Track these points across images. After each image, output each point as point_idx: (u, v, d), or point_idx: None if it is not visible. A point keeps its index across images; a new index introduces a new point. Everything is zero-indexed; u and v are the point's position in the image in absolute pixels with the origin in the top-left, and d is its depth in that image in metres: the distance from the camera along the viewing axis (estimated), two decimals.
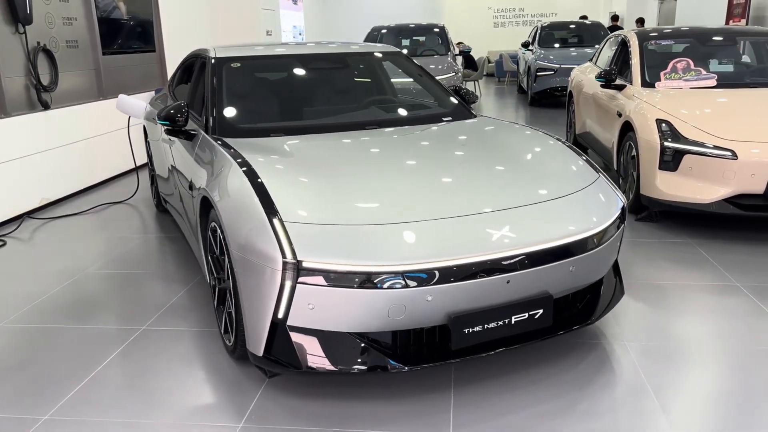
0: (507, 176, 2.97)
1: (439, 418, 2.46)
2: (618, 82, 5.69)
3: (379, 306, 2.35)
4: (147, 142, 5.42)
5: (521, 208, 2.69)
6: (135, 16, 7.52)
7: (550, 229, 2.63)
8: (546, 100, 12.00)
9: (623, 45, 6.19)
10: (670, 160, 4.49)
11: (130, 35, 7.44)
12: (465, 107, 4.08)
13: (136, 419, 2.49)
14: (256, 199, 2.54)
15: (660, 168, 4.53)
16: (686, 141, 4.43)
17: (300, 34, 15.04)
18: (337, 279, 2.33)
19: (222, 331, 2.97)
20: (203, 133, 3.48)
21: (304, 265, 2.33)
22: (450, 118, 3.92)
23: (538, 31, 13.71)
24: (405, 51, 10.46)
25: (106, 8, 6.90)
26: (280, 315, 2.40)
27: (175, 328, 3.27)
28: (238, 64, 3.91)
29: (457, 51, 10.38)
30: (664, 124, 4.57)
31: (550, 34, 13.51)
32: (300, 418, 2.48)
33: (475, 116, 4.00)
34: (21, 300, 3.70)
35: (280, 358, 2.46)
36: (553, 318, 2.66)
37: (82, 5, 6.47)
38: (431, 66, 9.46)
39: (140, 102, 5.55)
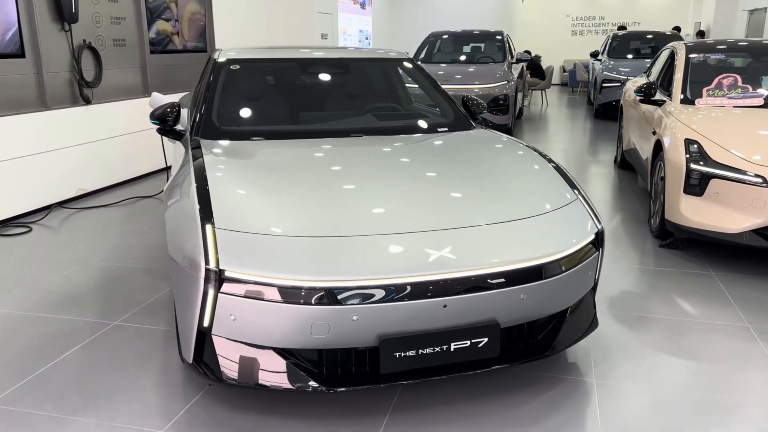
0: (471, 194, 2.80)
1: None
2: (657, 96, 5.33)
3: (301, 322, 2.26)
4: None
5: (473, 228, 2.53)
6: (184, 16, 7.75)
7: (501, 252, 2.45)
8: (612, 112, 11.47)
9: (672, 58, 5.79)
10: (697, 184, 4.13)
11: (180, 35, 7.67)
12: (465, 119, 3.91)
13: (66, 415, 2.51)
14: (196, 205, 2.51)
15: (685, 192, 4.19)
16: (714, 164, 4.07)
17: (366, 39, 15.10)
18: (258, 291, 2.26)
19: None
20: (187, 134, 3.50)
21: (227, 274, 2.28)
22: (446, 129, 3.77)
23: (609, 41, 13.15)
24: (463, 57, 10.35)
25: (157, 8, 7.15)
26: (206, 324, 2.35)
27: (146, 326, 3.30)
28: (237, 66, 3.92)
29: (514, 59, 10.07)
30: (693, 145, 4.22)
31: (623, 44, 12.92)
32: (224, 429, 2.42)
33: (473, 128, 3.83)
34: (14, 285, 3.85)
35: (205, 367, 2.41)
36: (502, 348, 2.48)
37: (131, 5, 6.72)
38: (482, 73, 9.23)
39: (171, 100, 5.69)
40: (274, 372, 2.35)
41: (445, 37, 10.98)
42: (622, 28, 17.34)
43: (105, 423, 2.46)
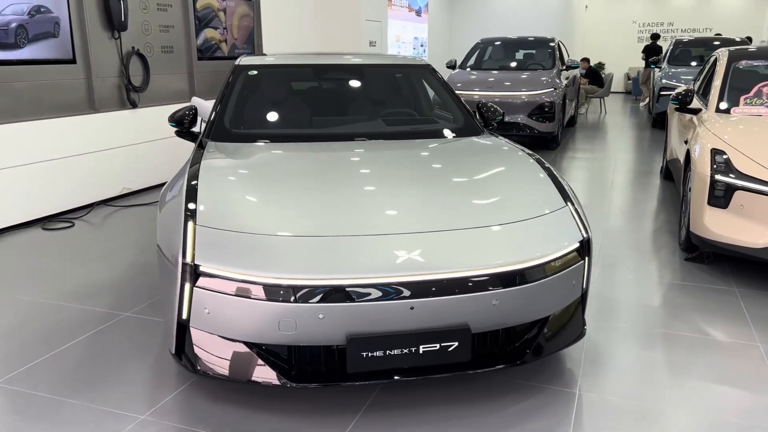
0: (455, 198, 2.80)
1: None
2: (694, 104, 5.13)
3: (269, 318, 2.33)
4: None
5: (448, 232, 2.54)
6: (233, 24, 8.03)
7: (474, 256, 2.45)
8: None
9: (714, 65, 5.57)
10: (721, 196, 3.97)
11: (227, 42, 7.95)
12: (475, 125, 3.90)
13: (62, 397, 2.68)
14: (183, 202, 2.64)
15: (709, 204, 4.02)
16: (740, 175, 3.89)
17: (422, 46, 15.15)
18: (230, 287, 2.35)
19: None
20: (200, 136, 3.66)
21: (201, 269, 2.38)
22: (453, 135, 3.77)
23: (671, 47, 12.69)
24: (513, 64, 10.24)
25: (206, 17, 7.45)
26: (184, 316, 2.46)
27: (153, 318, 3.46)
28: (255, 72, 4.06)
29: (564, 66, 9.87)
30: (719, 155, 4.05)
31: (686, 51, 12.44)
32: (199, 419, 2.52)
33: (482, 134, 3.82)
34: (43, 275, 4.11)
35: (185, 358, 2.52)
36: (474, 353, 2.48)
37: (180, 14, 7.04)
38: (529, 80, 9.11)
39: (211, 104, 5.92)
40: (245, 366, 2.43)
41: (497, 43, 10.90)
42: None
43: (93, 406, 2.61)
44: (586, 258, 2.70)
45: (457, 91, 9.07)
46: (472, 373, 2.80)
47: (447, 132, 3.82)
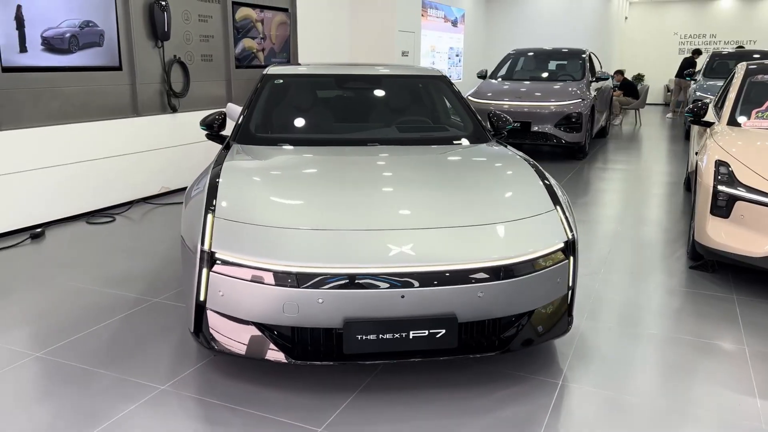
0: (450, 200, 3.04)
1: (321, 413, 2.64)
2: (707, 118, 5.25)
3: (274, 301, 2.61)
4: None
5: (439, 229, 2.78)
6: (271, 34, 8.42)
7: (461, 252, 2.69)
8: None
9: (733, 78, 5.66)
10: (723, 206, 4.10)
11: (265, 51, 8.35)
12: (483, 133, 4.13)
13: (93, 368, 3.01)
14: (205, 197, 2.95)
15: (712, 213, 4.16)
16: (740, 186, 4.02)
17: (457, 56, 15.37)
18: (241, 272, 2.64)
19: None
20: (228, 139, 3.99)
21: (217, 256, 2.68)
22: (461, 142, 4.01)
23: (708, 60, 12.62)
24: (545, 75, 10.39)
25: (245, 27, 7.86)
26: (201, 298, 2.76)
27: (180, 304, 3.78)
28: (281, 81, 4.38)
29: (594, 78, 9.97)
30: (723, 167, 4.18)
31: (723, 64, 12.34)
32: (213, 392, 2.81)
33: (489, 142, 4.05)
34: (83, 263, 4.49)
35: (202, 336, 2.81)
36: (460, 340, 2.71)
37: (220, 25, 7.45)
38: (557, 91, 9.26)
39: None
40: (254, 344, 2.71)
41: (529, 54, 11.07)
42: (740, 47, 16.50)
43: (119, 376, 2.93)
44: (571, 258, 2.90)
45: (486, 101, 9.30)
46: (464, 362, 3.03)
47: (455, 139, 4.06)
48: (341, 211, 2.90)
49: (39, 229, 5.24)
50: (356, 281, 2.58)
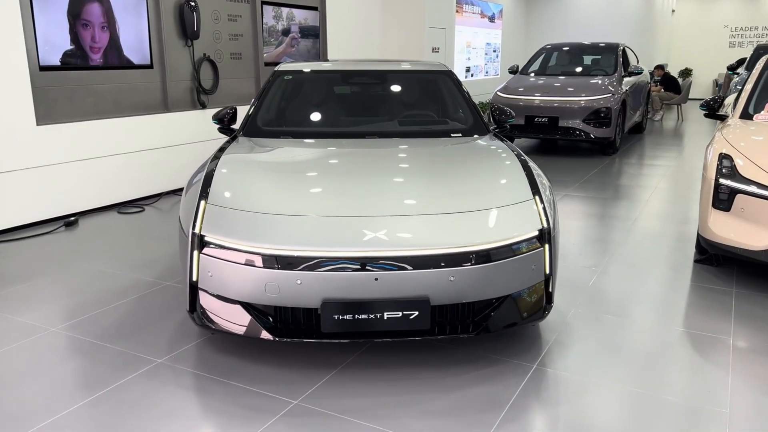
0: (430, 189, 3.18)
1: (300, 387, 2.82)
2: (722, 111, 5.19)
3: (256, 282, 2.80)
4: None
5: (415, 216, 2.92)
6: (303, 32, 8.66)
7: (433, 238, 2.82)
8: None
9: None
10: (725, 199, 4.08)
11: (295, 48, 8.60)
12: (483, 127, 4.23)
13: (103, 342, 3.27)
14: (200, 184, 3.17)
15: (713, 206, 4.15)
16: (741, 179, 4.00)
17: (494, 51, 15.34)
18: (227, 254, 2.84)
19: None
20: (237, 132, 4.21)
21: (206, 239, 2.89)
22: (459, 135, 4.13)
23: (753, 53, 12.23)
24: (578, 70, 10.32)
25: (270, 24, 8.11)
26: (194, 278, 2.97)
27: None
28: (290, 77, 4.58)
29: (624, 72, 9.83)
30: (726, 160, 4.16)
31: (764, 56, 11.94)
32: (207, 366, 3.03)
33: (487, 135, 4.14)
34: (109, 249, 4.80)
35: (195, 315, 3.03)
36: (434, 322, 2.84)
37: (249, 24, 7.73)
38: (586, 86, 9.19)
39: None
40: (240, 322, 2.90)
41: (563, 49, 11.00)
42: None
43: (124, 350, 3.18)
44: (547, 246, 2.99)
45: (515, 96, 9.30)
46: (443, 344, 3.16)
47: (453, 132, 4.17)
48: (323, 199, 3.07)
49: (73, 218, 5.60)
50: (332, 264, 2.74)
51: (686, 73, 19.77)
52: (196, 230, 2.92)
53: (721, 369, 3.01)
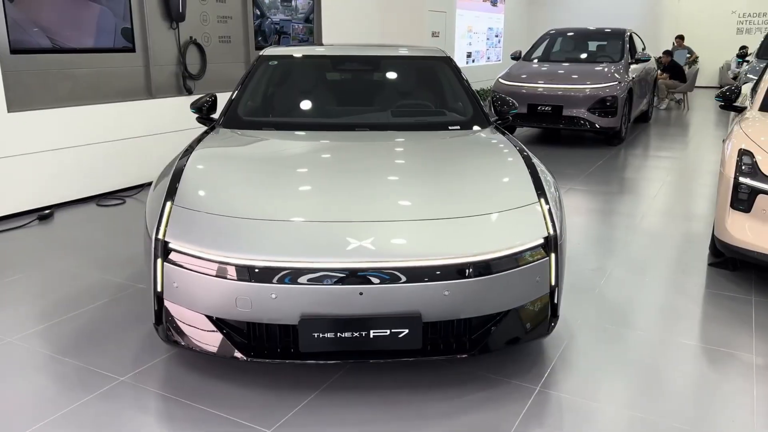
0: (425, 190, 2.85)
1: (275, 413, 2.52)
2: (739, 102, 4.85)
3: (227, 295, 2.48)
4: None
5: (406, 222, 2.60)
6: (297, 15, 8.28)
7: (426, 247, 2.50)
8: None
9: None
10: (745, 199, 3.76)
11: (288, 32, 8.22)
12: (483, 118, 3.89)
13: (59, 355, 2.96)
14: (168, 182, 2.84)
15: (732, 207, 3.83)
16: (763, 177, 3.68)
17: (497, 36, 14.92)
18: (193, 263, 2.52)
19: None
20: (215, 123, 3.87)
21: (170, 246, 2.57)
22: (457, 127, 3.79)
23: (763, 40, 11.84)
24: (583, 56, 9.93)
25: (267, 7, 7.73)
26: (158, 288, 2.66)
27: None
28: (276, 62, 4.23)
29: (632, 59, 9.46)
30: (746, 156, 3.84)
31: None
32: (172, 386, 2.72)
33: (488, 126, 3.81)
34: (79, 246, 4.49)
35: (161, 329, 2.71)
36: (426, 341, 2.54)
37: (239, 5, 7.35)
38: (591, 74, 8.83)
39: None
40: (208, 339, 2.60)
41: (568, 34, 10.61)
42: None
43: (84, 366, 2.87)
44: (553, 255, 2.67)
45: (517, 83, 8.94)
46: (436, 364, 2.86)
47: (451, 125, 3.84)
48: (303, 202, 2.75)
49: (48, 211, 5.28)
50: (311, 276, 2.42)
51: (694, 61, 19.33)
52: (160, 236, 2.60)
53: (742, 391, 2.71)
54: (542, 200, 2.81)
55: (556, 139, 9.67)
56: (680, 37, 14.58)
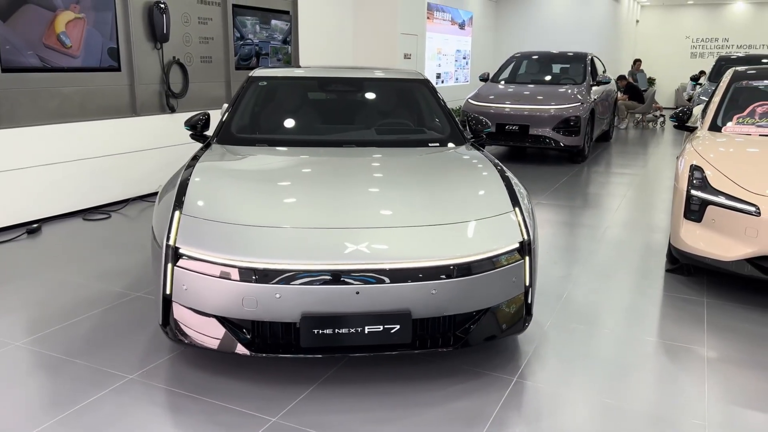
0: (410, 200, 3.14)
1: (279, 404, 2.75)
2: (690, 123, 5.28)
3: (234, 296, 2.72)
4: None
5: (396, 229, 2.88)
6: (275, 37, 8.57)
7: (415, 250, 2.78)
8: None
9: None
10: (696, 210, 4.15)
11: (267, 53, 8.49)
12: (459, 136, 4.21)
13: (71, 358, 3.14)
14: (174, 193, 3.08)
15: (685, 217, 4.21)
16: (712, 190, 4.07)
17: (464, 58, 15.43)
18: (203, 267, 2.76)
19: None
20: (210, 139, 4.11)
21: (181, 251, 2.80)
22: (437, 144, 4.11)
23: (715, 64, 12.56)
24: (547, 78, 10.42)
25: (246, 30, 8.00)
26: (167, 291, 2.87)
27: None
28: (265, 83, 4.50)
29: (593, 81, 9.99)
30: (697, 171, 4.23)
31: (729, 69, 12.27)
32: (180, 382, 2.93)
33: (463, 144, 4.13)
34: (72, 259, 4.65)
35: (169, 329, 2.93)
36: (415, 336, 2.81)
37: (221, 27, 7.61)
38: (556, 95, 9.30)
39: None
40: (215, 337, 2.82)
41: (533, 57, 11.11)
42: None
43: (92, 366, 3.06)
44: (527, 258, 2.98)
45: (486, 104, 9.35)
46: (423, 357, 3.13)
47: (431, 142, 4.15)
48: (302, 210, 3.01)
49: (35, 225, 5.41)
50: (312, 277, 2.68)
51: (650, 82, 20.19)
52: (171, 242, 2.83)
53: (696, 380, 3.04)
54: (517, 209, 3.13)
55: (522, 156, 10.11)
56: (638, 61, 15.35)
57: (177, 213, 2.95)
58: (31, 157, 5.51)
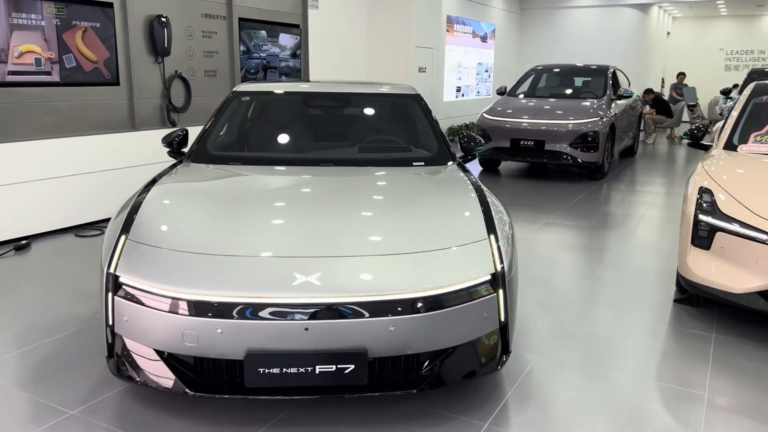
0: (377, 226, 2.90)
1: None
2: (705, 141, 4.93)
3: (173, 329, 2.51)
4: None
5: (353, 258, 2.64)
6: (284, 50, 8.44)
7: (372, 282, 2.54)
8: None
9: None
10: (705, 236, 3.81)
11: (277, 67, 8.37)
12: (446, 155, 3.96)
13: (14, 388, 2.97)
14: (124, 216, 2.89)
15: (692, 244, 3.87)
16: (722, 216, 3.73)
17: (486, 71, 15.15)
18: (142, 298, 2.56)
19: None
20: (184, 157, 3.94)
21: (120, 280, 2.61)
22: (421, 164, 3.86)
23: (746, 77, 12.03)
24: (568, 92, 10.08)
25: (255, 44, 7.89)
26: (110, 322, 2.68)
27: None
28: (248, 98, 4.32)
29: (614, 95, 9.61)
30: (706, 194, 3.89)
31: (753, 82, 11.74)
32: (122, 420, 2.72)
33: (451, 163, 3.88)
34: (60, 278, 4.51)
35: (112, 362, 2.73)
36: (372, 377, 2.55)
37: (226, 40, 7.50)
38: (574, 109, 8.96)
39: None
40: (156, 373, 2.61)
41: (554, 70, 10.79)
42: None
43: (36, 399, 2.88)
44: (501, 291, 2.70)
45: (501, 118, 9.06)
46: (386, 399, 2.86)
47: (415, 161, 3.90)
48: (252, 237, 2.79)
49: (25, 242, 5.32)
50: (256, 311, 2.45)
51: (680, 95, 19.61)
52: (112, 269, 2.63)
53: (693, 427, 2.72)
54: (492, 237, 2.85)
55: (541, 173, 9.77)
56: (682, 74, 14.85)
57: (123, 237, 2.76)
58: (24, 173, 5.43)
